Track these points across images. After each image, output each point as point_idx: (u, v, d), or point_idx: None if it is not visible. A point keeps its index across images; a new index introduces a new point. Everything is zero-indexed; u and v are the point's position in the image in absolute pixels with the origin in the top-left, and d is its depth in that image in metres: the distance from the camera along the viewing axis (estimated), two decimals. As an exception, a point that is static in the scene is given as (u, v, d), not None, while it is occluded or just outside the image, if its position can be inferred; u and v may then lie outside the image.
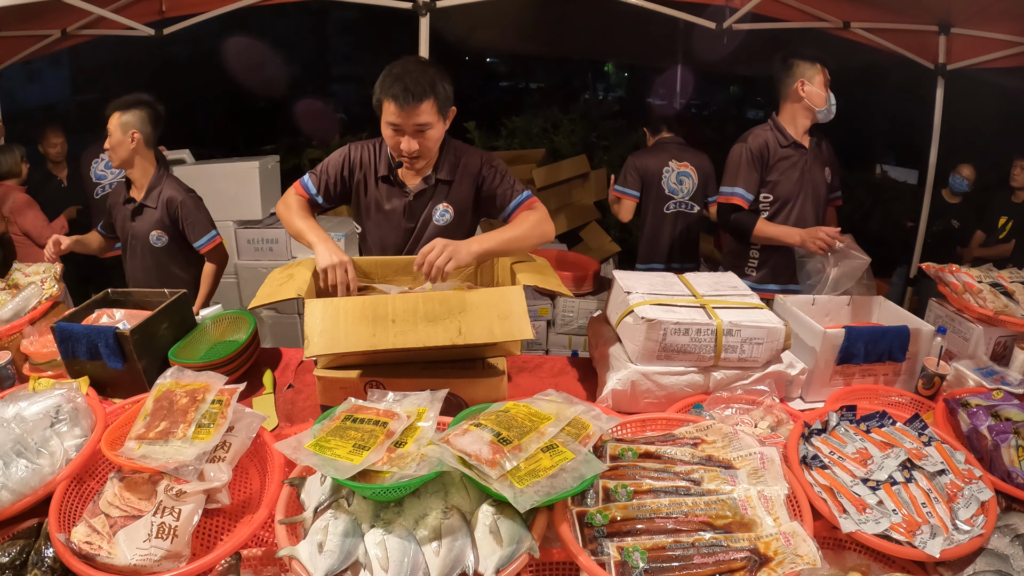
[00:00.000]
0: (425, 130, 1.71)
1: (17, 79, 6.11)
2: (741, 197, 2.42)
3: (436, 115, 1.71)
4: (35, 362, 1.83)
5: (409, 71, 1.67)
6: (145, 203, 2.46)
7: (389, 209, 1.91)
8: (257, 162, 4.10)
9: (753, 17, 3.40)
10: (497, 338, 1.40)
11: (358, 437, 1.16)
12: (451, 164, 1.88)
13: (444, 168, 1.87)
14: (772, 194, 2.45)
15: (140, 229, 2.48)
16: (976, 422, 1.45)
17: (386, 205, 1.90)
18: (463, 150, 1.91)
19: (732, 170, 2.45)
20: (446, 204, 1.90)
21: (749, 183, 2.42)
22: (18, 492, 1.24)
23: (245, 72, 6.12)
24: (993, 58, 3.49)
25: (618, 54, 7.39)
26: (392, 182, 1.89)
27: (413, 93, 1.64)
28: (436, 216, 1.91)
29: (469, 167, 1.88)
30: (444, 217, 1.91)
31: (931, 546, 1.13)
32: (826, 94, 2.35)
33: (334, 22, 9.04)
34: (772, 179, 2.43)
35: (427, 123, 1.70)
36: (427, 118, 1.69)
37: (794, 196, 2.44)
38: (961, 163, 4.17)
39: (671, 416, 1.48)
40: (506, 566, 1.05)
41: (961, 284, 2.01)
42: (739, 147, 2.46)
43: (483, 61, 9.17)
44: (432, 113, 1.70)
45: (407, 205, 1.89)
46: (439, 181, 1.88)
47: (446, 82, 1.72)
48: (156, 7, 3.57)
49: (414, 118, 1.68)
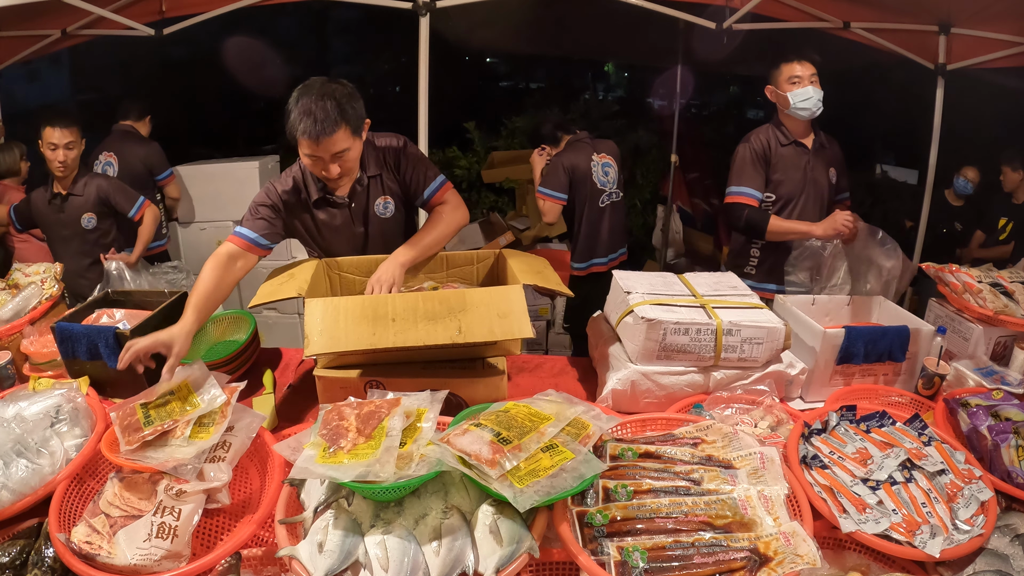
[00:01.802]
0: (344, 154, 1.70)
1: (17, 79, 6.10)
2: (750, 196, 2.42)
3: (351, 138, 1.69)
4: (35, 362, 1.83)
5: (316, 101, 1.63)
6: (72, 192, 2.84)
7: (334, 224, 1.90)
8: (257, 162, 4.11)
9: (753, 17, 3.39)
10: (497, 337, 1.40)
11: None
12: (375, 158, 1.88)
13: (370, 164, 1.87)
14: (775, 193, 2.45)
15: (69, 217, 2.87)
16: (976, 422, 1.45)
17: (331, 221, 1.90)
18: (378, 139, 1.91)
19: (738, 170, 2.46)
20: (384, 197, 1.91)
21: (756, 182, 2.42)
22: (18, 492, 1.24)
23: (245, 72, 6.11)
24: (993, 58, 3.49)
25: (618, 54, 7.37)
26: (327, 199, 1.87)
27: (324, 127, 1.62)
28: (379, 211, 1.91)
29: (388, 154, 1.90)
30: (388, 209, 1.92)
31: (931, 546, 1.13)
32: (785, 94, 2.35)
33: (334, 22, 9.03)
34: (775, 178, 2.44)
35: (344, 149, 1.68)
36: (343, 144, 1.67)
37: (796, 195, 2.45)
38: (965, 165, 4.16)
39: (671, 416, 1.48)
40: (506, 566, 1.05)
41: (961, 284, 2.01)
42: (742, 147, 2.47)
43: (483, 61, 9.16)
44: (347, 139, 1.68)
45: (350, 213, 1.89)
46: (370, 178, 1.88)
47: (354, 100, 1.69)
48: (156, 7, 3.56)
49: (331, 148, 1.66)
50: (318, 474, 1.11)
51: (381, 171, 1.89)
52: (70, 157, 2.94)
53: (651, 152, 5.89)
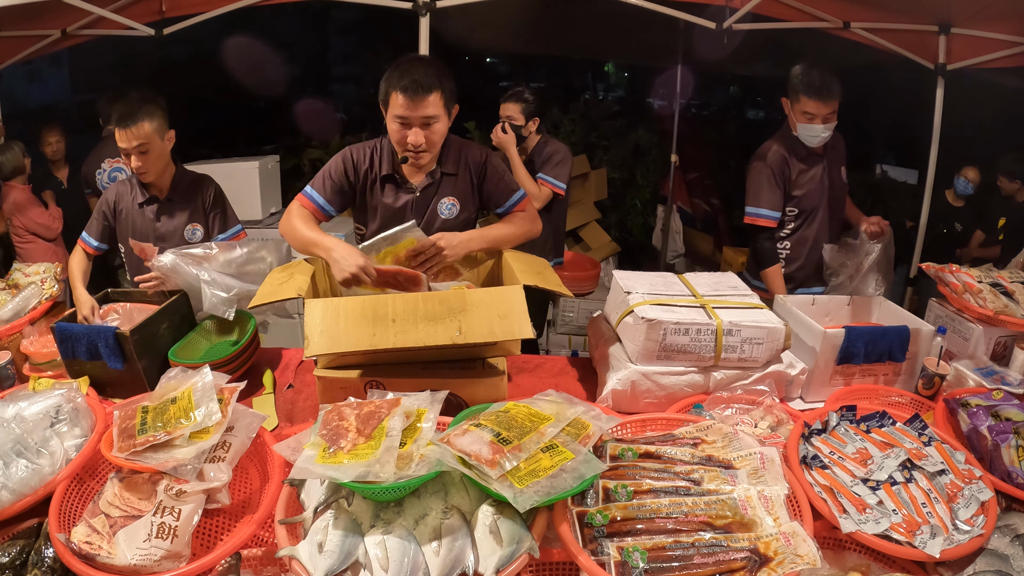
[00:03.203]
0: (432, 123, 1.74)
1: (17, 79, 6.11)
2: (767, 217, 2.39)
3: (442, 108, 1.75)
4: (35, 362, 1.83)
5: (417, 65, 1.72)
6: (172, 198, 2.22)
7: (395, 207, 1.91)
8: (257, 162, 4.10)
9: (753, 17, 3.39)
10: (497, 337, 1.40)
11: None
12: (454, 158, 1.90)
13: (448, 162, 1.89)
14: (797, 207, 2.43)
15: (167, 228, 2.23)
16: (976, 422, 1.45)
17: (392, 203, 1.90)
18: (464, 144, 1.93)
19: (755, 190, 2.41)
20: (451, 198, 1.91)
21: (773, 202, 2.39)
22: (18, 492, 1.24)
23: (245, 72, 6.11)
24: (993, 58, 3.48)
25: (618, 54, 7.36)
26: (396, 180, 1.89)
27: (422, 85, 1.68)
28: (442, 210, 1.91)
29: (471, 161, 1.90)
30: (451, 211, 1.92)
31: (931, 546, 1.13)
32: (798, 121, 2.33)
33: (334, 22, 9.02)
34: (797, 194, 2.41)
35: (434, 116, 1.73)
36: (434, 111, 1.72)
37: (817, 206, 2.44)
38: (965, 165, 4.16)
39: (671, 416, 1.48)
40: (506, 566, 1.05)
41: (961, 284, 2.01)
42: (759, 165, 2.41)
43: (483, 61, 9.15)
44: (439, 106, 1.73)
45: (413, 201, 1.90)
46: (444, 175, 1.89)
47: (450, 78, 1.76)
48: (156, 7, 3.56)
49: (422, 110, 1.71)
50: (318, 474, 1.11)
51: (457, 172, 1.90)
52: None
53: (651, 152, 5.89)
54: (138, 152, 2.04)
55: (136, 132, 2.01)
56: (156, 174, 2.13)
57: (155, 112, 2.06)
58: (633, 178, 5.84)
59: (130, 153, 2.04)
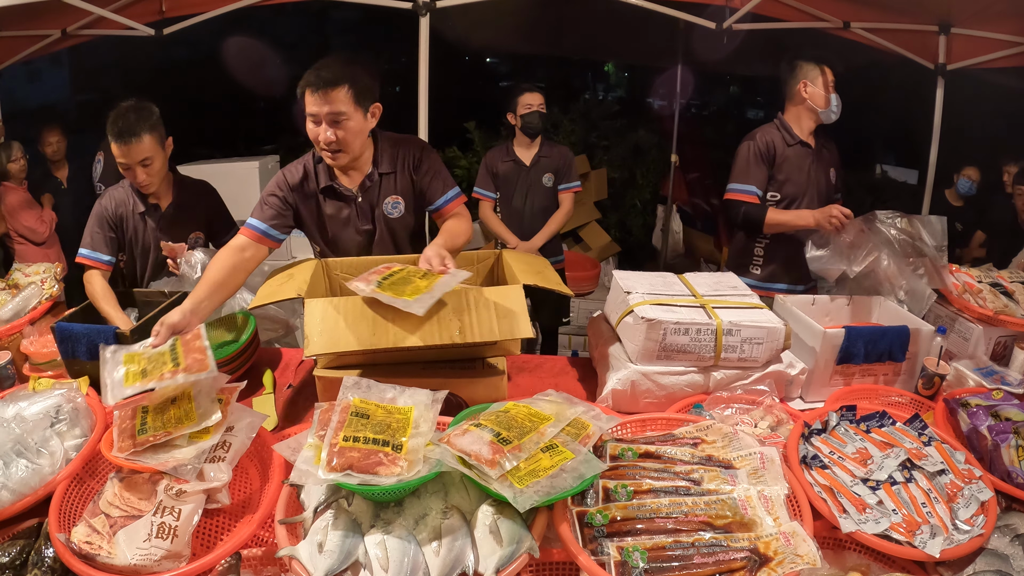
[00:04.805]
0: (341, 120, 1.68)
1: (17, 79, 6.10)
2: (752, 193, 2.40)
3: (352, 104, 1.69)
4: (35, 362, 1.83)
5: (329, 62, 1.68)
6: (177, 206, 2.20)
7: (341, 217, 1.89)
8: (257, 162, 4.11)
9: (753, 17, 3.39)
10: (497, 337, 1.40)
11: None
12: (390, 156, 1.88)
13: (384, 161, 1.87)
14: (779, 192, 2.44)
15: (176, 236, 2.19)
16: (976, 422, 1.45)
17: (336, 214, 1.89)
18: (400, 140, 1.91)
19: (741, 167, 2.43)
20: (394, 196, 1.90)
21: (758, 179, 2.41)
22: (18, 492, 1.24)
23: (245, 72, 6.11)
24: (993, 58, 3.49)
25: (618, 54, 7.36)
26: (336, 191, 1.86)
27: (326, 80, 1.64)
28: (388, 210, 1.90)
29: (406, 156, 1.89)
30: (396, 209, 1.90)
31: (931, 546, 1.13)
32: (828, 95, 2.35)
33: (334, 22, 9.02)
34: (779, 177, 2.43)
35: (341, 112, 1.67)
36: (342, 107, 1.67)
37: (800, 195, 2.44)
38: (965, 165, 4.15)
39: (671, 416, 1.48)
40: (506, 566, 1.05)
41: (961, 284, 2.01)
42: (746, 144, 2.45)
43: (483, 61, 9.16)
44: (347, 102, 1.67)
45: (357, 208, 1.88)
46: (381, 175, 1.87)
47: (369, 76, 1.70)
48: (156, 7, 3.56)
49: (328, 105, 1.66)
50: (320, 479, 1.10)
51: (395, 170, 1.88)
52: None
53: (651, 152, 5.89)
54: (142, 166, 2.01)
55: (138, 147, 1.98)
56: (159, 184, 2.11)
57: (154, 123, 2.02)
58: (633, 178, 5.84)
59: (132, 167, 2.00)
